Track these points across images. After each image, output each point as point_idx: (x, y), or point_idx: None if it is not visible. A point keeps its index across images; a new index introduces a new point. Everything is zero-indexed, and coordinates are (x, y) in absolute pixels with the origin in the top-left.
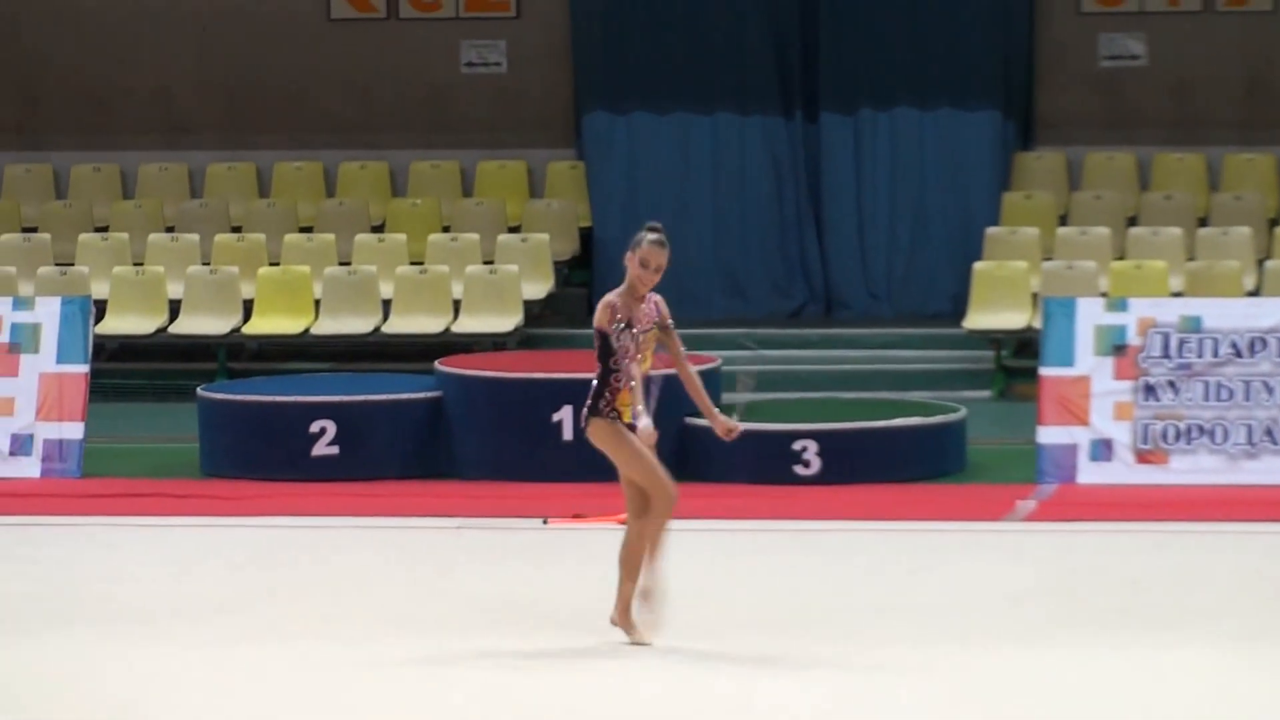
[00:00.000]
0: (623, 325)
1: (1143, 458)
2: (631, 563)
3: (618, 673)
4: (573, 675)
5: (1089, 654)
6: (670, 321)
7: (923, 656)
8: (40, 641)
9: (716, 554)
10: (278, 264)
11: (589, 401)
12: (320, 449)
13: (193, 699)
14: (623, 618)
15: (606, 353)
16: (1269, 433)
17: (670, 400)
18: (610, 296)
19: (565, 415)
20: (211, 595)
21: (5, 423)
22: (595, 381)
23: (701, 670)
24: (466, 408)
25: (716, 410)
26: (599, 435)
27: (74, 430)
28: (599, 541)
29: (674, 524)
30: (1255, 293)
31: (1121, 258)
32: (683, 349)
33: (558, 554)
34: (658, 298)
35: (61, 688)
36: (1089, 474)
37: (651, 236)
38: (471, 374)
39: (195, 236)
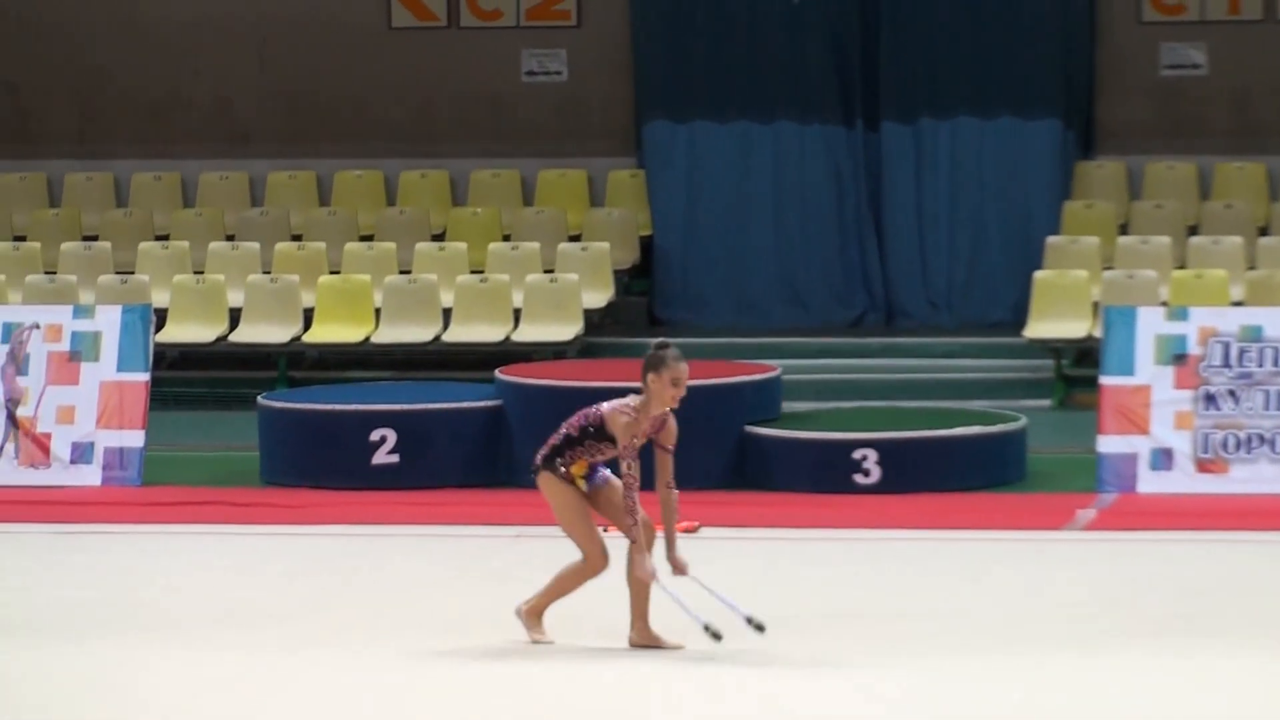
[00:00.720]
0: (635, 451)
1: (1203, 467)
2: (562, 588)
3: (671, 679)
4: (630, 684)
5: (1149, 663)
6: (672, 446)
7: (980, 665)
8: (95, 648)
9: (774, 562)
10: (338, 272)
11: (544, 453)
12: (380, 457)
13: (248, 705)
14: (532, 616)
15: (591, 436)
16: None
17: (727, 408)
18: (631, 411)
19: None
20: (270, 603)
21: (66, 431)
22: (560, 441)
23: (753, 676)
24: (526, 417)
25: (677, 543)
26: (549, 487)
27: (134, 438)
28: (658, 550)
29: (734, 531)
30: None
31: (1182, 267)
32: (671, 472)
33: (613, 563)
34: (671, 418)
35: (116, 693)
36: (1149, 483)
37: (675, 353)
38: (531, 383)
39: (256, 245)
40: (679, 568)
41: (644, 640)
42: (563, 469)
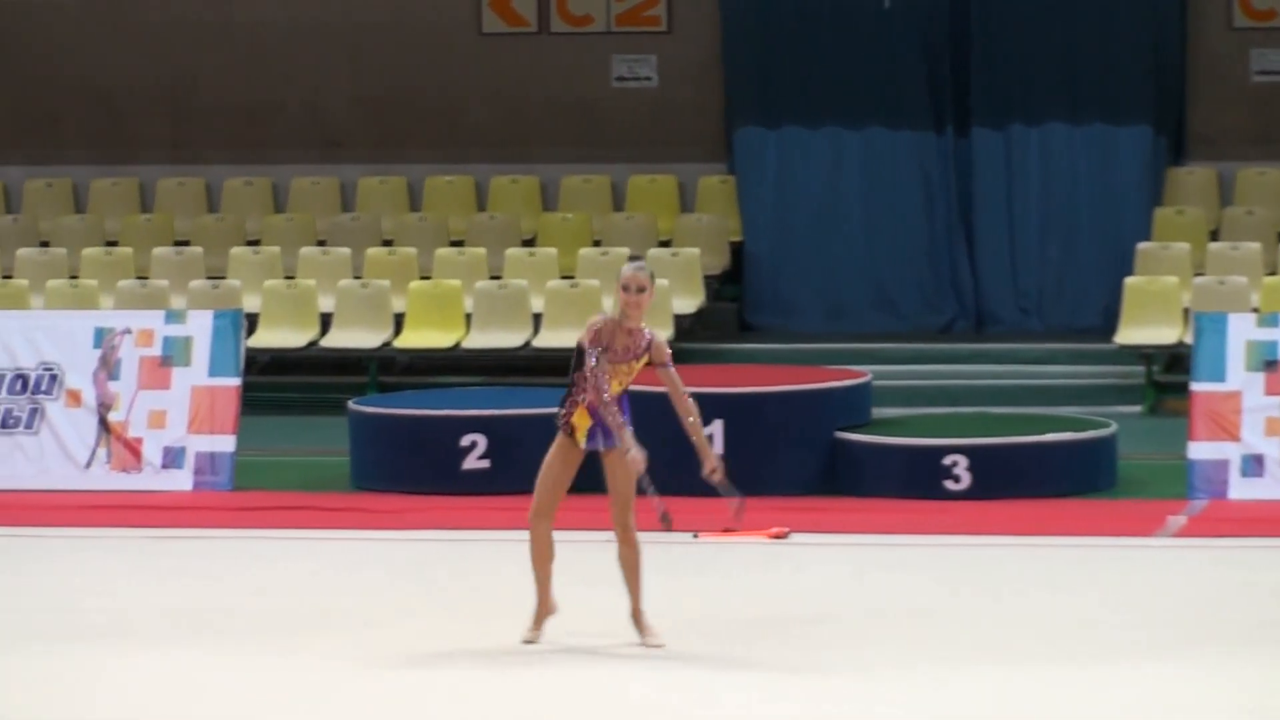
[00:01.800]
0: (600, 349)
1: None
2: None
3: (765, 685)
4: (723, 691)
5: (1242, 669)
6: (666, 359)
7: (1070, 672)
8: (185, 653)
9: (864, 568)
10: (429, 278)
11: (558, 410)
12: (471, 462)
13: (341, 712)
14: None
15: (576, 367)
16: None
17: (817, 414)
18: (598, 319)
19: (716, 430)
20: (360, 608)
21: (157, 435)
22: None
23: (836, 681)
24: None
25: (708, 447)
26: (551, 447)
27: (225, 443)
28: (749, 556)
29: (824, 537)
30: None
31: (1273, 273)
32: (680, 386)
33: (708, 568)
34: (654, 336)
35: (206, 699)
36: (1240, 489)
37: (631, 264)
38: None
39: (347, 250)
40: (711, 468)
41: (635, 618)
42: (565, 423)
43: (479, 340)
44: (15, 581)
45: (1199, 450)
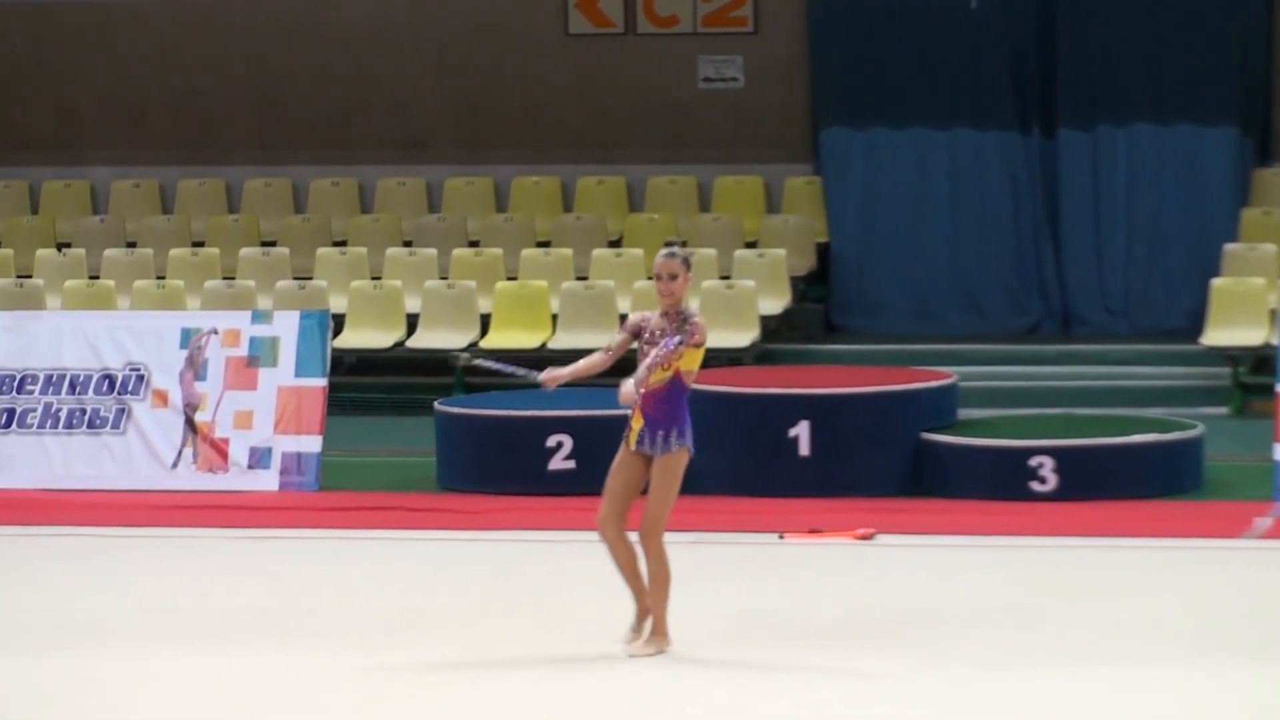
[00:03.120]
0: (635, 334)
1: None
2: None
3: (854, 687)
4: (810, 691)
5: None
6: (679, 337)
7: (1154, 674)
8: (274, 653)
9: (950, 569)
10: (515, 278)
11: None
12: (557, 463)
13: (428, 711)
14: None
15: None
16: None
17: (903, 415)
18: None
19: (802, 430)
20: (447, 609)
21: (244, 436)
22: None
23: (925, 683)
24: (702, 423)
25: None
26: None
27: (312, 444)
28: (835, 557)
29: (910, 539)
30: None
31: None
32: (659, 359)
33: (793, 569)
34: (697, 319)
35: (295, 699)
36: None
37: (662, 250)
38: (707, 389)
39: (433, 251)
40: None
41: (656, 619)
42: (626, 427)
43: (565, 340)
44: (103, 581)
45: None
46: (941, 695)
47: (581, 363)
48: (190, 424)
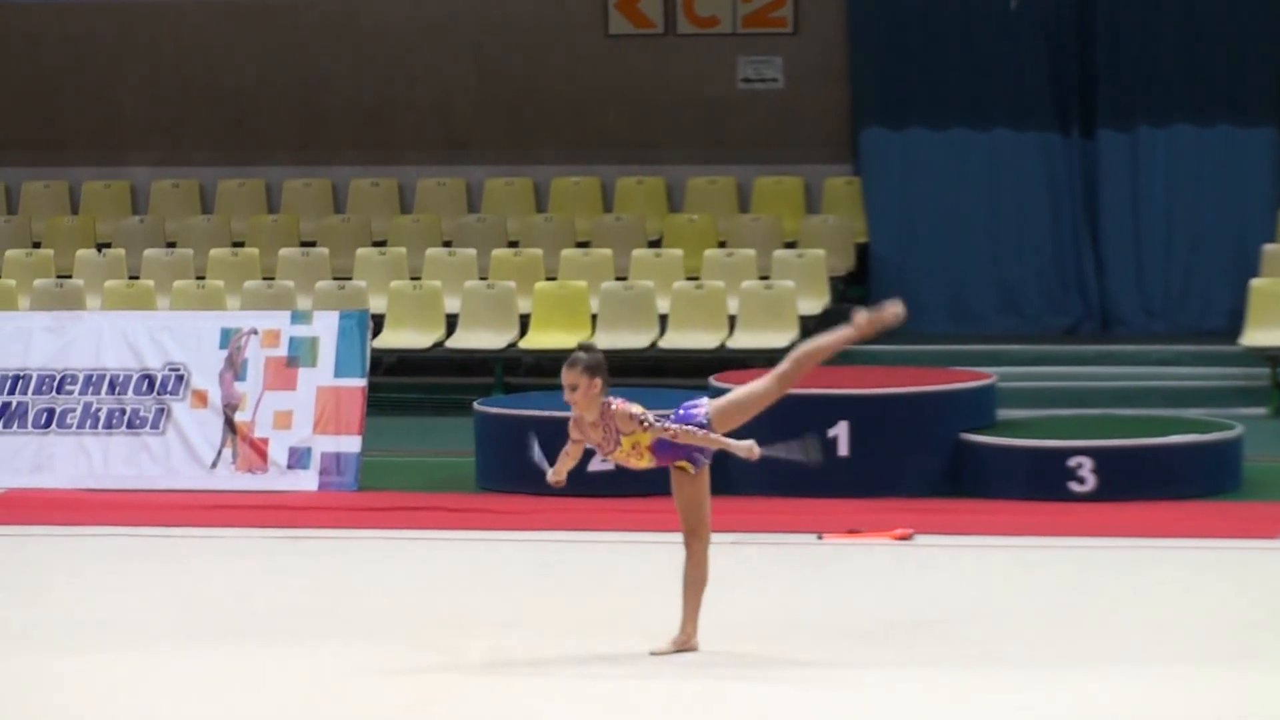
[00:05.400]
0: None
1: None
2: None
3: (894, 687)
4: (850, 691)
5: None
6: (637, 426)
7: (1193, 673)
8: (314, 653)
9: (989, 570)
10: (554, 278)
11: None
12: (596, 464)
13: (461, 712)
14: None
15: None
16: None
17: (942, 415)
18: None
19: (841, 430)
20: (485, 609)
21: (283, 436)
22: None
23: (965, 683)
24: (742, 424)
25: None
26: None
27: (351, 444)
28: (874, 557)
29: (949, 539)
30: None
31: None
32: (687, 431)
33: (832, 569)
34: (615, 410)
35: (337, 698)
36: None
37: (570, 358)
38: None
39: (473, 251)
40: None
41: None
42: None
43: (604, 341)
44: (143, 581)
45: None
46: (980, 695)
47: (566, 459)
48: (230, 424)
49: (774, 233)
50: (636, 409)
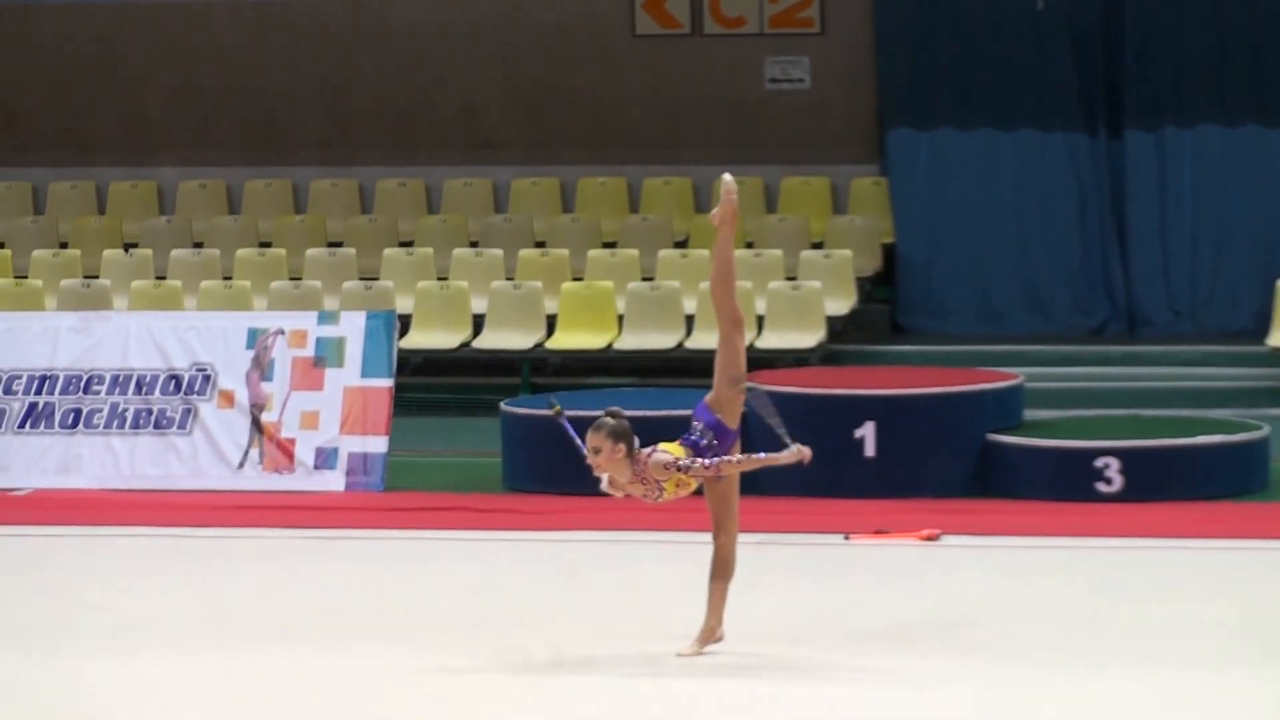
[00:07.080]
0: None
1: None
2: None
3: (921, 688)
4: (877, 691)
5: None
6: (668, 467)
7: (1220, 675)
8: (341, 653)
9: (1016, 570)
10: (581, 279)
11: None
12: None
13: (486, 713)
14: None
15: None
16: None
17: (969, 416)
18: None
19: (868, 431)
20: (511, 610)
21: (310, 436)
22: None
23: (992, 684)
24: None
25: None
26: None
27: (378, 444)
28: (901, 558)
29: (976, 539)
30: None
31: None
32: (723, 466)
33: (859, 570)
34: (650, 459)
35: (365, 698)
36: None
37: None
38: (774, 390)
39: (499, 251)
40: None
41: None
42: None
43: (631, 341)
44: (170, 581)
45: None
46: (1007, 696)
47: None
48: (256, 424)
49: (801, 233)
50: (669, 457)
